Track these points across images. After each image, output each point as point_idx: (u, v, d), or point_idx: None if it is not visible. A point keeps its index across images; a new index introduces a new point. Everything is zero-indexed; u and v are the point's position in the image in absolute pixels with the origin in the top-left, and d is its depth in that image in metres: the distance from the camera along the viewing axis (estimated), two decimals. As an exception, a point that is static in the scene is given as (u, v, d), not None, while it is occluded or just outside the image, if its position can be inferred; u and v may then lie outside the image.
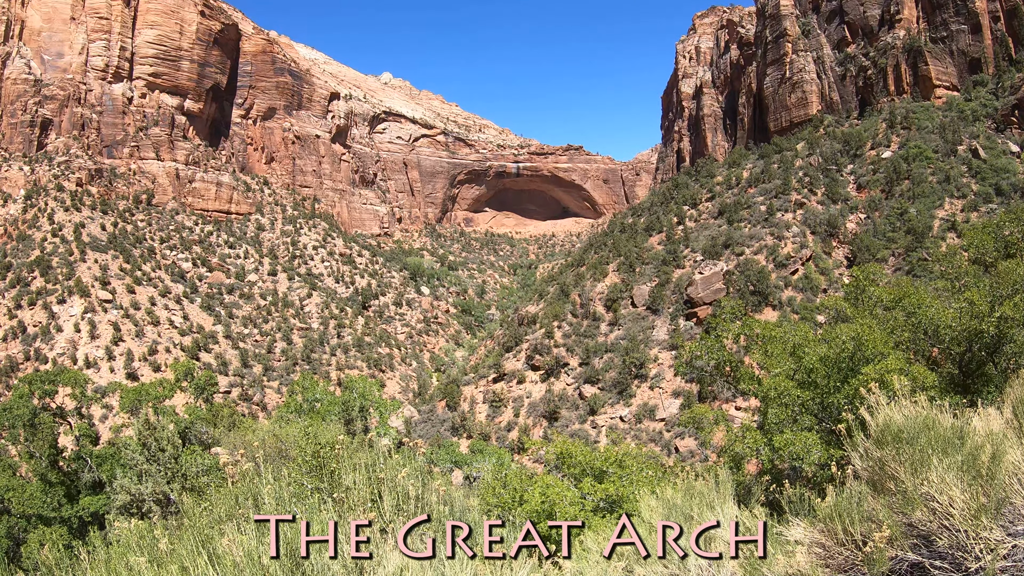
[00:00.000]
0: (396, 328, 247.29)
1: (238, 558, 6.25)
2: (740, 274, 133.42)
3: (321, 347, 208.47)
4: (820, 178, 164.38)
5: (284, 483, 8.31)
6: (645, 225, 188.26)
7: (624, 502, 19.36)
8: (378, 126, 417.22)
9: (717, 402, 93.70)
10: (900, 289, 22.09)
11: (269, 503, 7.68)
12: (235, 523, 7.41)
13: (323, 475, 9.75)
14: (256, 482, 8.01)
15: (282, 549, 6.31)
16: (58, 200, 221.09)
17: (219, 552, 6.50)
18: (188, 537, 6.87)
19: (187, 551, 6.69)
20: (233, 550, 6.32)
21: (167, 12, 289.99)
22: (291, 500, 8.00)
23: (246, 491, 7.94)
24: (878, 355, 17.15)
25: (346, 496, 7.49)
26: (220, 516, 7.63)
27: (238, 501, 7.89)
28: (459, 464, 59.08)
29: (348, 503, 7.41)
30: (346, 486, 7.77)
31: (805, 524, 8.81)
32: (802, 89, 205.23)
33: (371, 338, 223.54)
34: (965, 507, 7.29)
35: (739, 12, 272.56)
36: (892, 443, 8.47)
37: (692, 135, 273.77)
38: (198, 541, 6.76)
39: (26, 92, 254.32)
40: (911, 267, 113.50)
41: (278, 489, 8.00)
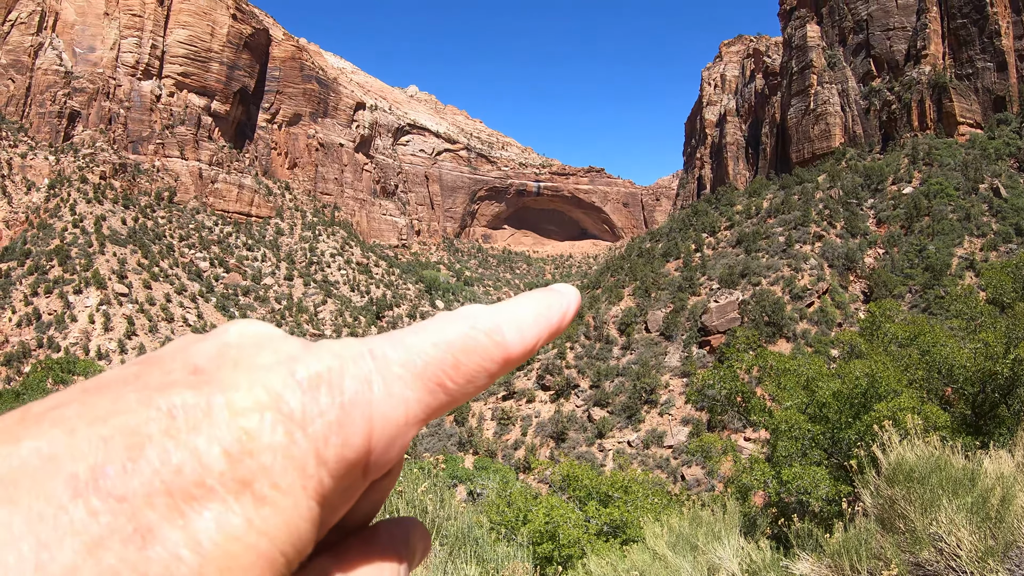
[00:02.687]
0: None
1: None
2: (755, 304, 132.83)
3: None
4: (840, 211, 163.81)
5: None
6: (663, 250, 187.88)
7: (628, 528, 19.31)
8: (402, 138, 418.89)
9: (726, 432, 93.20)
10: (916, 327, 21.99)
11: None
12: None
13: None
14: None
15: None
16: (81, 192, 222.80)
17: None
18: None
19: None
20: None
21: (199, 13, 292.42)
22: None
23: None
24: (891, 392, 17.08)
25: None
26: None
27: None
28: (463, 480, 58.94)
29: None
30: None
31: (812, 559, 8.80)
32: (826, 121, 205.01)
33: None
34: (973, 549, 7.28)
35: (766, 41, 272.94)
36: (903, 482, 8.47)
37: (714, 162, 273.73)
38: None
39: (56, 83, 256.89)
40: (928, 304, 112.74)
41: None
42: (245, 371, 0.56)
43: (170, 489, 0.48)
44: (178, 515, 0.48)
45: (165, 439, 0.50)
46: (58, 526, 0.46)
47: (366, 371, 0.58)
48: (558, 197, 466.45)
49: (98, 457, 0.48)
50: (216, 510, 0.49)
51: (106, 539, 0.46)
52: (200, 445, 0.50)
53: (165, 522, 0.48)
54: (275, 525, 0.50)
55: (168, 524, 0.48)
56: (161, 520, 0.48)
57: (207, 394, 0.53)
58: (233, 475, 0.50)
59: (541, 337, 0.67)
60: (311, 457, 0.52)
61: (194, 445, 0.50)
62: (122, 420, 0.50)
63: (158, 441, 0.50)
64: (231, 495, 0.50)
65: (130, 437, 0.49)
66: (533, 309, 0.67)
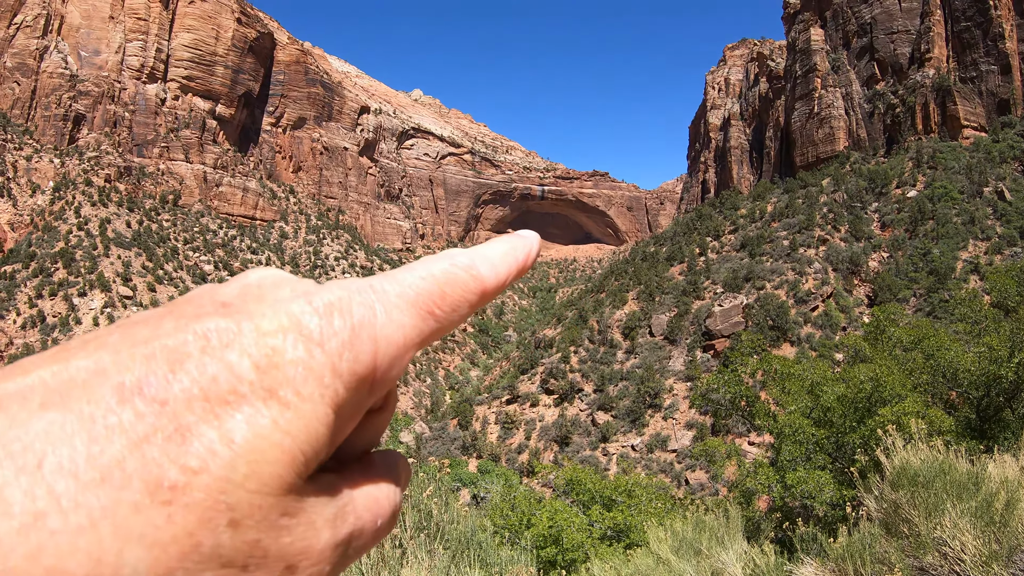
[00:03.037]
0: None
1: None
2: (760, 308, 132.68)
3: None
4: (844, 215, 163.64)
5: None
6: (667, 254, 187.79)
7: (632, 532, 19.29)
8: (406, 142, 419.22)
9: (730, 436, 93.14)
10: (920, 330, 21.95)
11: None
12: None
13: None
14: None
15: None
16: (86, 195, 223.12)
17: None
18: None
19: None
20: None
21: (204, 17, 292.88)
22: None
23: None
24: (896, 396, 17.05)
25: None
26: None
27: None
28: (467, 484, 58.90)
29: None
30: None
31: (816, 563, 8.79)
32: (830, 125, 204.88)
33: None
34: (977, 553, 7.27)
35: (769, 45, 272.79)
36: (907, 486, 8.46)
37: (718, 166, 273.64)
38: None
39: (61, 86, 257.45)
40: (932, 308, 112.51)
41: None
42: (269, 303, 0.66)
43: (207, 395, 0.57)
44: (214, 417, 0.56)
45: (202, 355, 0.59)
46: (108, 426, 0.54)
47: (370, 300, 0.68)
48: (562, 201, 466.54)
49: (142, 370, 0.57)
50: (247, 413, 0.57)
51: (150, 436, 0.54)
52: (233, 359, 0.59)
53: (202, 423, 0.56)
54: (297, 426, 0.59)
55: (205, 424, 0.56)
56: (199, 421, 0.56)
57: (237, 320, 0.62)
58: (262, 384, 0.59)
59: (511, 273, 0.81)
60: (328, 370, 0.62)
61: (228, 360, 0.59)
62: (162, 342, 0.59)
63: (196, 357, 0.58)
64: (260, 401, 0.58)
65: (171, 354, 0.58)
66: (501, 249, 0.81)
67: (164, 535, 0.53)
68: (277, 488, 0.61)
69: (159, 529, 0.53)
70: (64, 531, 0.50)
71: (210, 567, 0.56)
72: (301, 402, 0.60)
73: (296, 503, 0.64)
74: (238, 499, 0.56)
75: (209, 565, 0.57)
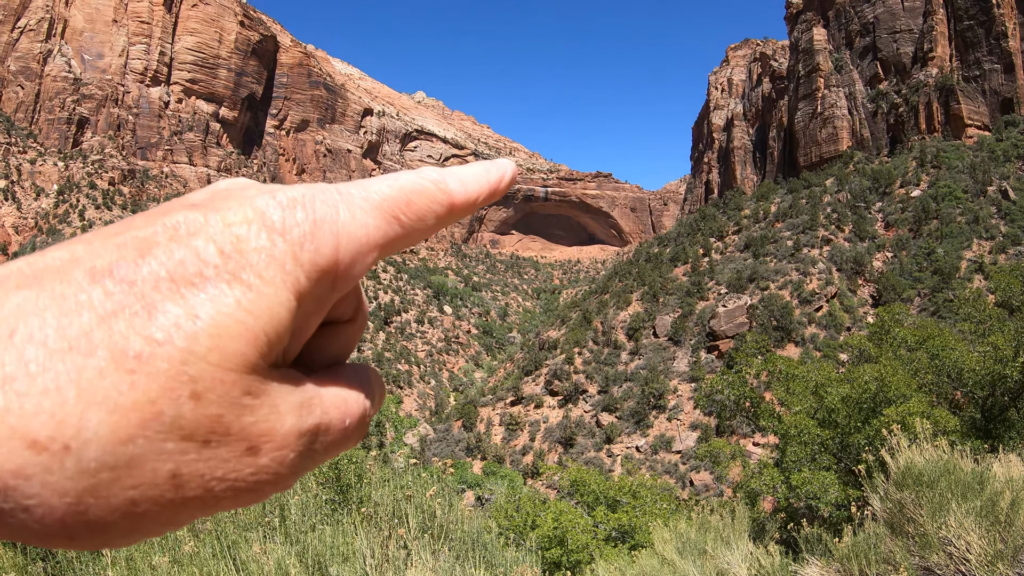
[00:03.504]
0: (417, 345, 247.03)
1: (268, 567, 6.32)
2: (764, 309, 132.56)
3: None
4: (848, 215, 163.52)
5: (311, 494, 8.39)
6: (670, 255, 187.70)
7: (637, 533, 19.32)
8: (409, 144, 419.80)
9: (735, 437, 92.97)
10: (925, 330, 21.94)
11: (295, 513, 7.76)
12: (260, 531, 7.48)
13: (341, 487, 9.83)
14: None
15: (309, 560, 6.39)
16: (90, 197, 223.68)
17: (243, 559, 6.57)
18: (210, 541, 6.94)
19: (210, 555, 6.76)
20: (263, 559, 6.39)
21: (207, 20, 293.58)
22: (316, 511, 8.07)
23: (272, 500, 8.02)
24: (900, 397, 17.06)
25: (375, 511, 7.56)
26: (246, 523, 7.70)
27: (265, 509, 7.96)
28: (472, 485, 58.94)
29: (376, 519, 7.49)
30: (375, 501, 7.85)
31: (821, 563, 8.81)
32: (833, 125, 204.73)
33: (391, 354, 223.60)
34: (982, 552, 7.29)
35: (772, 45, 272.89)
36: (912, 486, 8.48)
37: (721, 167, 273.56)
38: (224, 546, 6.83)
39: (65, 90, 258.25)
40: (937, 308, 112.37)
41: (304, 500, 8.08)
42: (236, 199, 0.67)
43: (173, 277, 0.59)
44: (179, 296, 0.58)
45: (170, 243, 0.61)
46: (78, 302, 0.56)
47: (334, 200, 0.69)
48: (565, 202, 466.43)
49: (114, 256, 0.59)
50: (211, 293, 0.59)
51: (117, 312, 0.56)
52: (199, 245, 0.61)
53: (168, 301, 0.58)
54: (259, 307, 0.61)
55: (171, 303, 0.58)
56: (164, 299, 0.58)
57: (204, 212, 0.64)
58: (226, 268, 0.61)
59: (481, 192, 0.79)
60: (289, 258, 0.63)
61: (194, 246, 0.61)
62: (133, 233, 0.62)
63: (164, 244, 0.61)
64: (224, 283, 0.60)
65: (141, 243, 0.61)
66: (474, 170, 0.79)
67: (126, 401, 0.55)
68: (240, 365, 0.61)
69: (122, 395, 0.54)
70: (30, 393, 0.52)
71: (171, 437, 0.57)
72: (264, 285, 0.61)
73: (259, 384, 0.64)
74: (200, 371, 0.57)
75: (170, 435, 0.58)
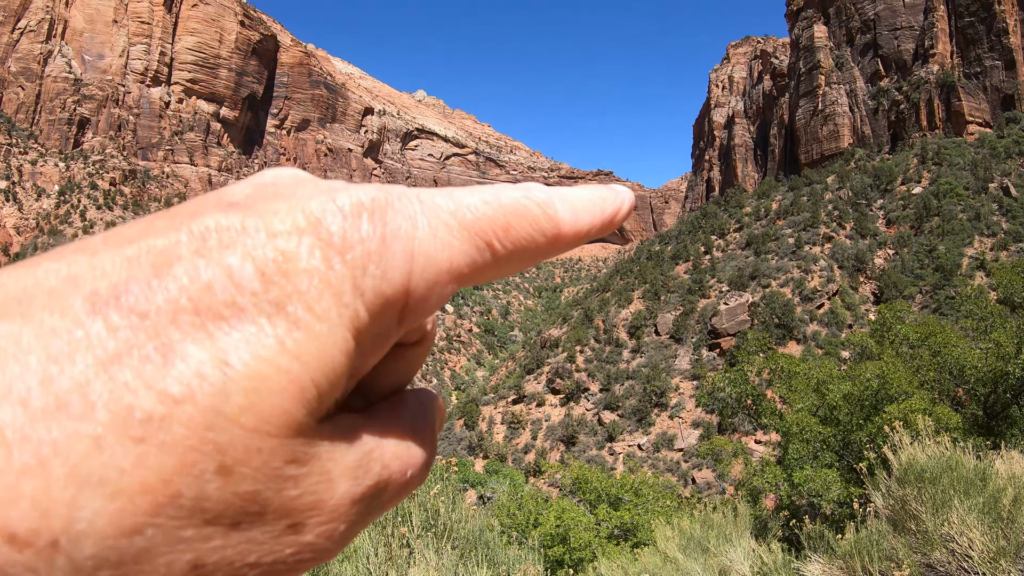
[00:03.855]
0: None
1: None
2: (765, 306, 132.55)
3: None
4: (849, 212, 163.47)
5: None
6: (672, 253, 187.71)
7: (639, 531, 19.32)
8: (410, 143, 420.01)
9: (737, 434, 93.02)
10: (926, 327, 21.91)
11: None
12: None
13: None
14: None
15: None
16: (91, 198, 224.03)
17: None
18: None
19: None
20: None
21: (208, 20, 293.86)
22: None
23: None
24: (902, 394, 17.04)
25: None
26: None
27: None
28: (474, 484, 58.97)
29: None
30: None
31: (824, 560, 8.80)
32: (834, 122, 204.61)
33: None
34: (985, 549, 7.28)
35: (773, 43, 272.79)
36: (914, 482, 8.47)
37: (722, 164, 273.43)
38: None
39: (65, 91, 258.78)
40: (938, 305, 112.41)
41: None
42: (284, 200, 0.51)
43: (198, 307, 0.44)
44: (205, 334, 0.43)
45: (195, 258, 0.45)
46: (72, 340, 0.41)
47: (412, 210, 0.53)
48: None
49: (122, 275, 0.44)
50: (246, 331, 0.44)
51: (123, 355, 0.41)
52: (233, 264, 0.45)
53: (190, 340, 0.43)
54: (308, 350, 0.45)
55: (193, 343, 0.43)
56: (185, 338, 0.43)
57: (242, 218, 0.48)
58: (267, 296, 0.45)
59: (594, 225, 0.62)
60: (348, 285, 0.47)
61: (227, 263, 0.45)
62: (150, 242, 0.46)
63: (188, 259, 0.45)
64: (264, 316, 0.44)
65: (158, 257, 0.45)
66: (589, 196, 0.62)
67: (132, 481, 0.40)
68: (282, 427, 0.46)
69: (126, 474, 0.40)
70: (5, 471, 0.37)
71: (191, 523, 0.43)
72: (314, 321, 0.46)
73: (306, 447, 0.49)
74: (230, 439, 0.43)
75: (190, 521, 0.43)
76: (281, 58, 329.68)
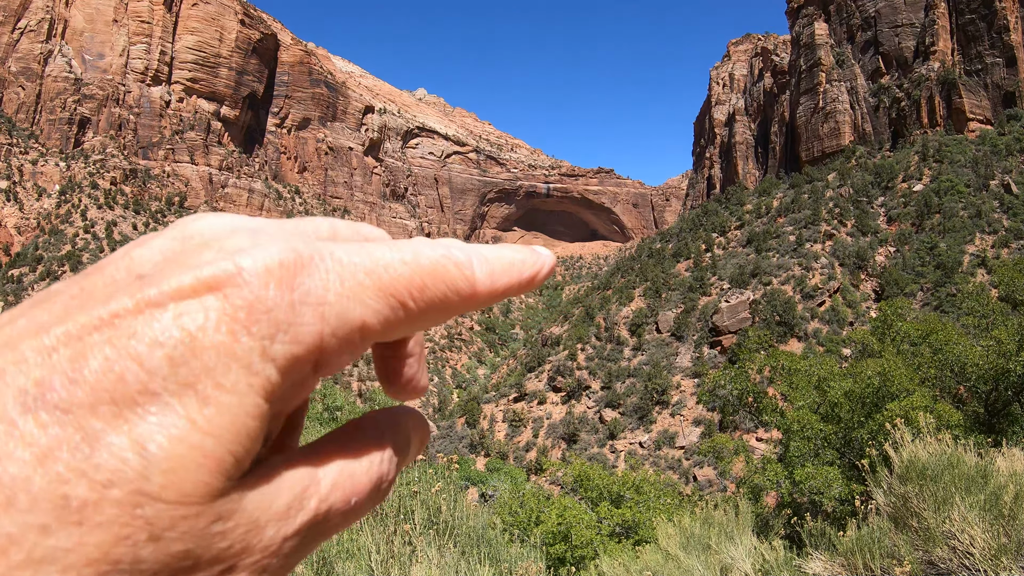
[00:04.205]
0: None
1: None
2: (766, 304, 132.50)
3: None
4: (850, 210, 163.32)
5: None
6: (673, 251, 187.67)
7: (641, 528, 19.31)
8: (411, 141, 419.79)
9: (738, 432, 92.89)
10: (927, 325, 21.90)
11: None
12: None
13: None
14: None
15: (314, 556, 6.38)
16: (92, 197, 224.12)
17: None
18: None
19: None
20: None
21: (208, 19, 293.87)
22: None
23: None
24: (903, 391, 17.03)
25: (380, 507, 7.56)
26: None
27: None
28: (475, 482, 58.93)
29: (380, 514, 7.48)
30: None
31: (825, 558, 8.81)
32: (835, 119, 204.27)
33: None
34: (986, 546, 7.28)
35: (773, 40, 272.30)
36: (916, 480, 8.47)
37: (723, 162, 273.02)
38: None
39: (66, 90, 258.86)
40: (939, 302, 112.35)
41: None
42: (190, 270, 0.53)
43: (114, 398, 0.47)
44: (123, 421, 0.47)
45: (107, 347, 0.48)
46: (10, 439, 0.46)
47: (325, 270, 0.55)
48: (568, 199, 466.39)
49: (44, 370, 0.48)
50: (159, 414, 0.47)
51: (55, 449, 0.46)
52: (142, 351, 0.48)
53: (110, 429, 0.47)
54: (220, 424, 0.49)
55: (113, 431, 0.47)
56: (106, 427, 0.47)
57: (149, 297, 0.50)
58: (176, 378, 0.48)
59: (510, 286, 0.64)
60: (256, 355, 0.50)
61: (136, 352, 0.48)
62: (64, 329, 0.49)
63: (99, 350, 0.48)
64: (174, 398, 0.48)
65: (73, 346, 0.48)
66: (509, 258, 0.64)
67: (78, 558, 0.46)
68: (203, 496, 0.50)
69: (71, 552, 0.46)
70: None
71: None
72: (223, 395, 0.49)
73: (230, 504, 0.52)
74: (156, 512, 0.47)
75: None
76: (281, 57, 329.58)
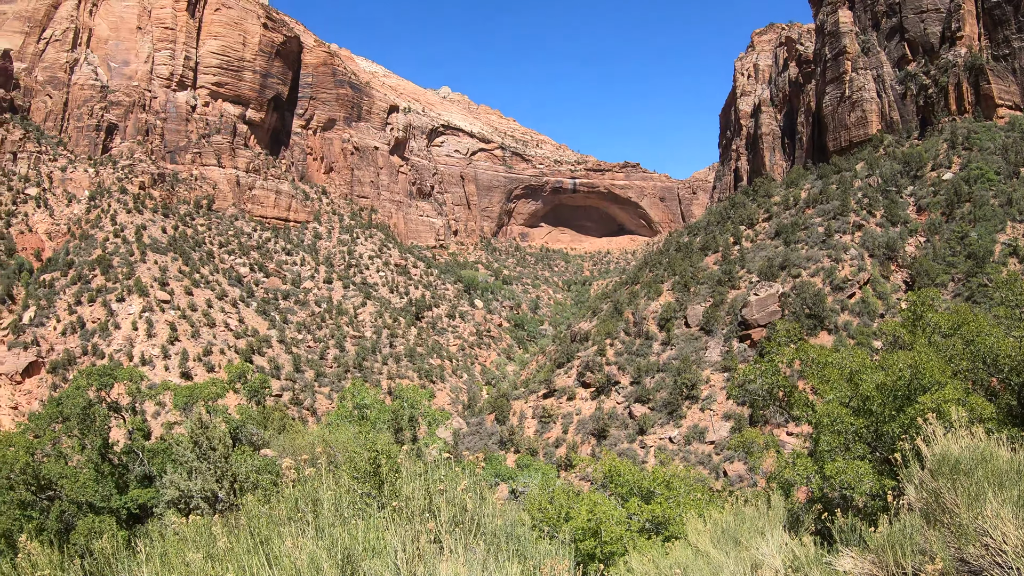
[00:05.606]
0: (448, 340, 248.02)
1: (300, 562, 6.39)
2: (796, 297, 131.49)
3: (373, 355, 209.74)
4: (879, 199, 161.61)
5: (344, 489, 8.46)
6: (701, 244, 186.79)
7: (671, 524, 19.29)
8: (436, 139, 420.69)
9: (768, 427, 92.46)
10: (959, 316, 21.67)
11: (328, 508, 7.82)
12: (294, 526, 7.55)
13: (376, 482, 9.89)
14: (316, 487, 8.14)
15: (339, 555, 6.44)
16: (121, 202, 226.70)
17: (276, 553, 6.64)
18: (245, 537, 7.02)
19: (244, 551, 6.82)
20: (297, 554, 6.46)
21: (231, 24, 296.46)
22: (348, 506, 8.13)
23: (306, 495, 8.09)
24: (935, 384, 16.86)
25: (405, 505, 7.61)
26: (280, 518, 7.78)
27: (298, 504, 8.03)
28: (505, 479, 59.11)
29: (406, 512, 7.53)
30: (405, 495, 7.89)
31: (856, 554, 8.75)
32: (862, 108, 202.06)
33: (423, 349, 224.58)
34: (1019, 543, 7.20)
35: (798, 29, 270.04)
36: (948, 475, 8.39)
37: (750, 154, 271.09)
38: (256, 541, 6.91)
39: (92, 98, 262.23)
40: (971, 293, 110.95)
41: (337, 495, 8.14)
42: None
43: None
44: None
45: None
46: None
47: None
48: (594, 193, 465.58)
49: None
50: None
51: None
52: None
53: None
54: None
55: None
56: None
57: None
58: None
59: None
60: None
61: None
62: None
63: None
64: None
65: None
66: None
67: None
68: None
69: None
70: None
71: None
72: None
73: None
74: None
75: None
76: (305, 59, 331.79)
